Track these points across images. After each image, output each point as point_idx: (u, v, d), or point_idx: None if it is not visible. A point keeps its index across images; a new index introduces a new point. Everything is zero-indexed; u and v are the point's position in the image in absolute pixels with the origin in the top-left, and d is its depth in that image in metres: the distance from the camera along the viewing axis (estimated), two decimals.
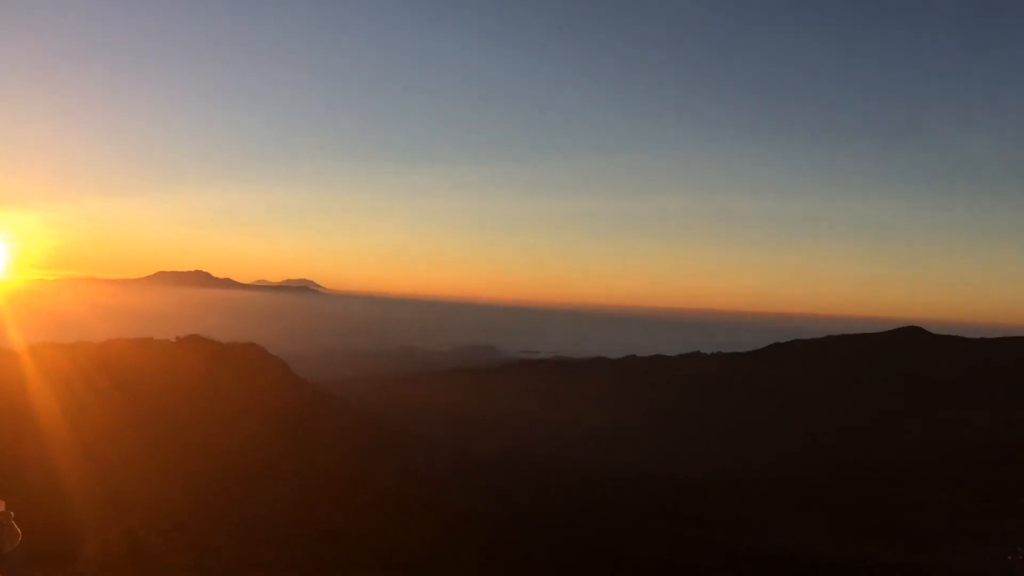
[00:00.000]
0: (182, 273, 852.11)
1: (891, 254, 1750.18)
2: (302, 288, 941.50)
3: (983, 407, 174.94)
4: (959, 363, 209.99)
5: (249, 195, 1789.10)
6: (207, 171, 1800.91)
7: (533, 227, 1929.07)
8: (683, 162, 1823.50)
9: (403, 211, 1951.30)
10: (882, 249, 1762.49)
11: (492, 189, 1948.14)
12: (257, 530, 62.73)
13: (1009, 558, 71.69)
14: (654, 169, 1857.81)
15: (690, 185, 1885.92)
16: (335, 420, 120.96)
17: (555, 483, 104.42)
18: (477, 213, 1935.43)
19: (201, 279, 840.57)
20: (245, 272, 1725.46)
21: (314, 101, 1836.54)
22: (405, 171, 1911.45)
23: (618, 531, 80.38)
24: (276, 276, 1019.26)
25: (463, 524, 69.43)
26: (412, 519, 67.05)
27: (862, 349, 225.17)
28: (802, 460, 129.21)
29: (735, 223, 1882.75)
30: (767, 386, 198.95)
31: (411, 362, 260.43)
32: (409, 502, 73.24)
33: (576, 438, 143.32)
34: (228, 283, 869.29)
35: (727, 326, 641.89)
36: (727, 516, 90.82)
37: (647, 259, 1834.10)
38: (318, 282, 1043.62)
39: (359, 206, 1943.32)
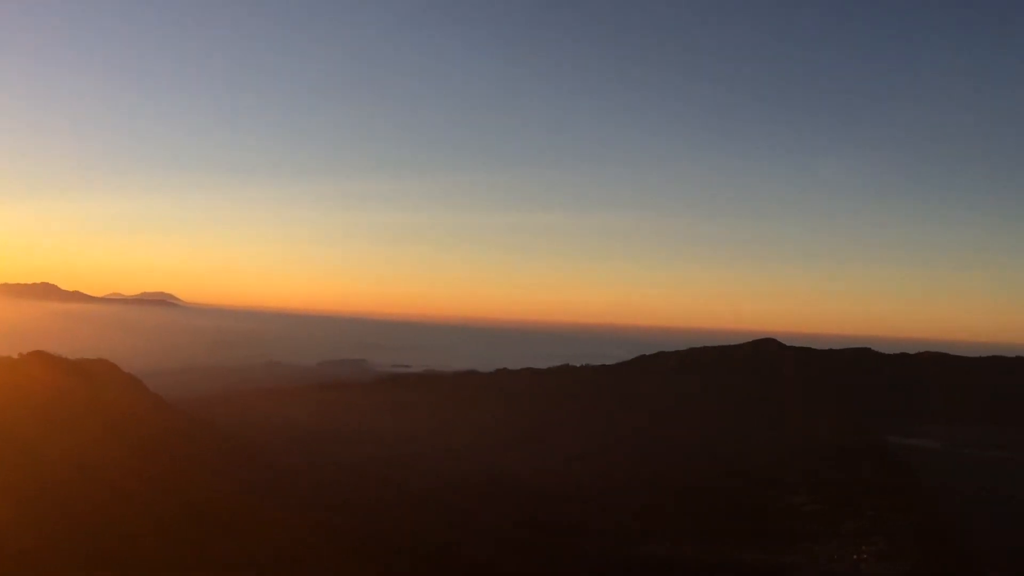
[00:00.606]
0: (27, 286, 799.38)
1: (749, 269, 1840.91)
2: (160, 301, 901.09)
3: (830, 413, 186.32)
4: (808, 372, 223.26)
5: (103, 204, 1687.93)
6: (56, 178, 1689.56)
7: (406, 240, 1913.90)
8: (553, 177, 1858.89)
9: (270, 223, 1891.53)
10: (739, 264, 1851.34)
11: (362, 202, 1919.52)
12: (107, 558, 58.69)
13: (855, 557, 76.19)
14: (525, 184, 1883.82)
15: (560, 200, 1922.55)
16: (190, 438, 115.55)
17: (421, 495, 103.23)
18: (348, 225, 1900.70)
19: (47, 292, 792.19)
20: (97, 284, 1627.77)
21: (172, 106, 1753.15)
22: (270, 181, 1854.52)
23: (486, 543, 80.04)
24: (131, 289, 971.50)
25: (317, 537, 67.26)
26: (262, 534, 64.38)
27: (722, 359, 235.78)
28: (669, 467, 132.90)
29: (604, 239, 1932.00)
30: (635, 396, 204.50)
31: (276, 378, 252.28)
32: (261, 518, 70.35)
33: (445, 451, 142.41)
34: (78, 296, 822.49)
35: (595, 339, 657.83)
36: (598, 525, 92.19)
37: (519, 274, 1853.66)
38: (177, 295, 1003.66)
39: (223, 217, 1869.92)
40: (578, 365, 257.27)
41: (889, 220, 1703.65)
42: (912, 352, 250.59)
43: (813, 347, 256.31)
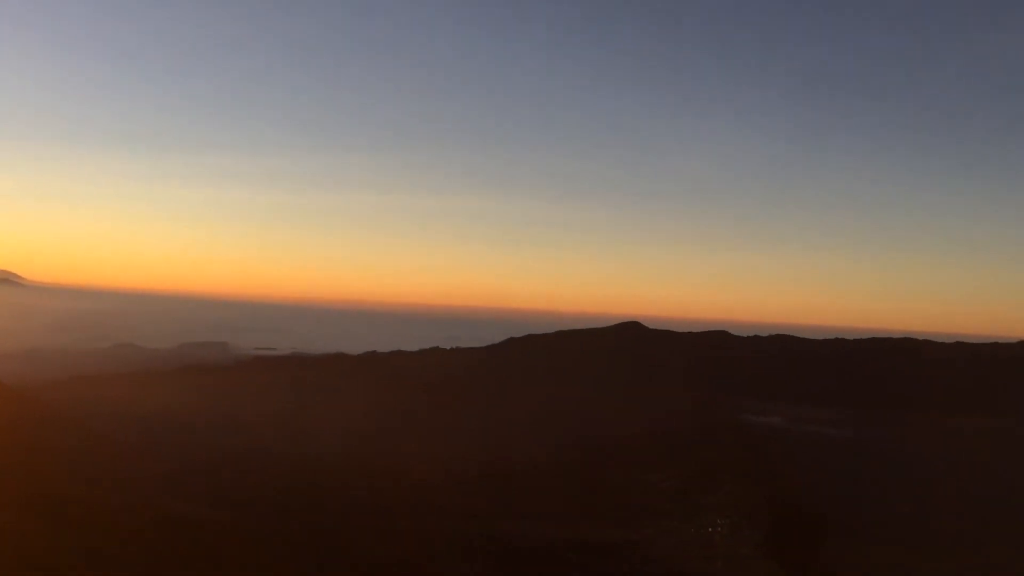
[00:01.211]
0: None
1: (617, 254, 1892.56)
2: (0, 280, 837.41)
3: (688, 394, 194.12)
4: (669, 354, 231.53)
5: None
6: None
7: (271, 220, 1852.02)
8: (419, 157, 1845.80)
9: (123, 198, 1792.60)
10: (609, 249, 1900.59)
11: (223, 179, 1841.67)
12: None
13: (710, 530, 79.73)
14: (392, 165, 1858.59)
15: (429, 181, 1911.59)
16: (39, 425, 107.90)
17: (285, 483, 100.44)
18: (209, 203, 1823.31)
19: None
20: None
21: (6, 79, 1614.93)
22: (124, 154, 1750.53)
23: (353, 529, 78.70)
24: None
25: (171, 530, 64.17)
26: (111, 527, 60.84)
27: (588, 342, 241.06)
28: (532, 448, 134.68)
29: (473, 221, 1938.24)
30: (504, 378, 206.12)
31: (131, 361, 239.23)
32: (111, 510, 66.49)
33: (310, 436, 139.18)
34: None
35: (465, 322, 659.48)
36: (465, 508, 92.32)
37: (387, 255, 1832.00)
38: (19, 273, 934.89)
39: (70, 190, 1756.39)
40: (448, 348, 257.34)
41: (748, 208, 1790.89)
42: (764, 335, 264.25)
43: (674, 330, 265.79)
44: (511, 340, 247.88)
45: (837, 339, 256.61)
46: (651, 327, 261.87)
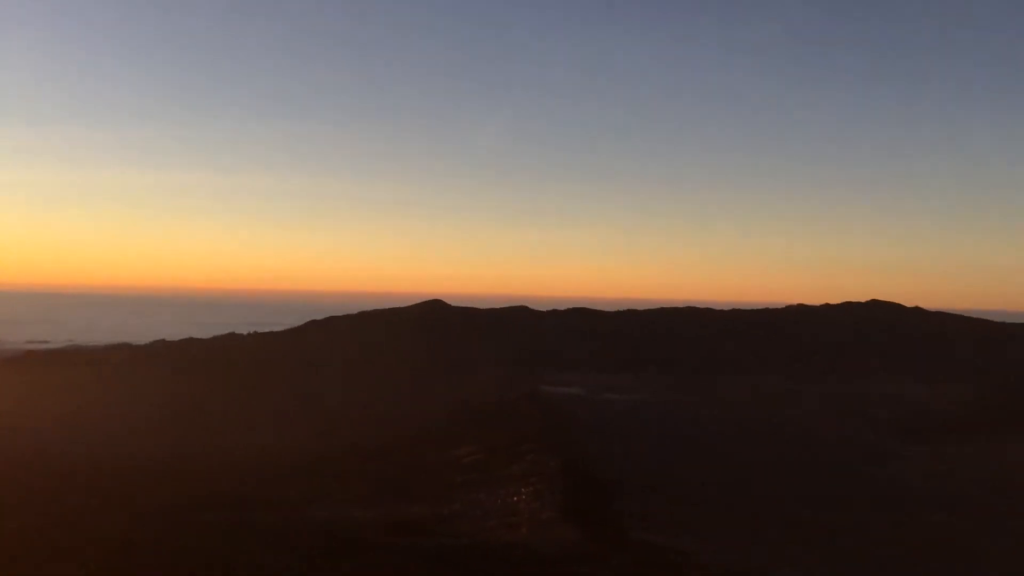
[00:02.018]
0: None
1: (417, 232, 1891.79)
2: None
3: (492, 369, 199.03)
4: (472, 330, 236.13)
5: None
6: None
7: (35, 201, 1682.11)
8: (195, 133, 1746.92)
9: None
10: (409, 227, 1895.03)
11: None
12: None
13: (514, 499, 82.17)
14: (164, 140, 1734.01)
15: (204, 159, 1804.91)
16: None
17: (63, 482, 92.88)
18: None
19: None
20: None
21: None
22: None
23: (145, 525, 74.11)
24: None
25: None
26: None
27: (393, 322, 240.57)
28: (347, 433, 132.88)
29: (264, 200, 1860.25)
30: (306, 363, 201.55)
31: None
32: None
33: (93, 432, 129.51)
34: None
35: (262, 306, 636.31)
36: (274, 498, 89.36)
37: (174, 237, 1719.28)
38: None
39: None
40: (245, 333, 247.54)
41: (545, 182, 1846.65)
42: (563, 309, 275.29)
43: (476, 307, 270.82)
44: (312, 323, 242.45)
45: (629, 310, 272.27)
46: (454, 304, 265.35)
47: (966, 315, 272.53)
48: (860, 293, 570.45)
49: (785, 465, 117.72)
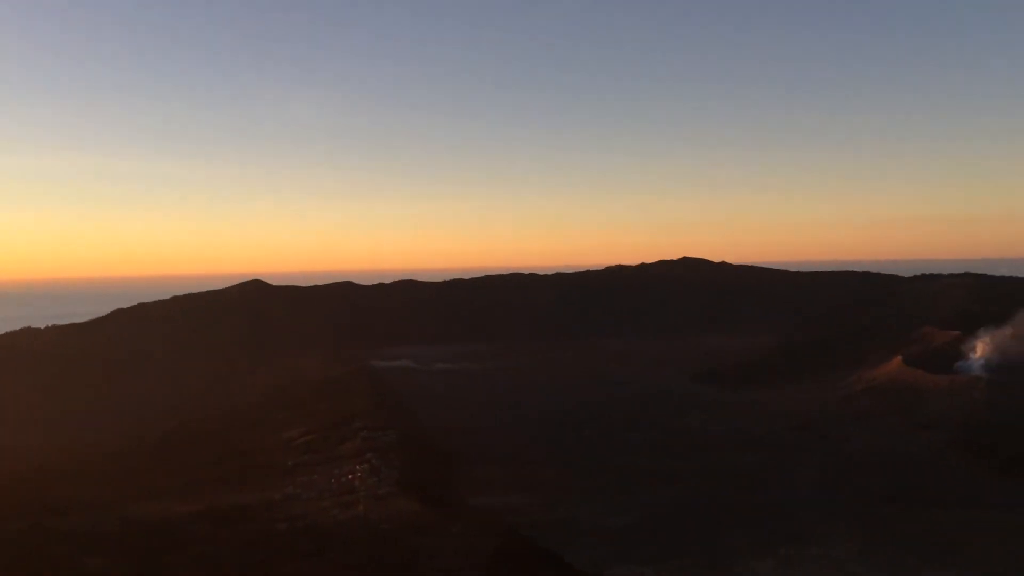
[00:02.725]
0: None
1: (231, 211, 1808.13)
2: None
3: (318, 347, 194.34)
4: (295, 309, 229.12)
5: None
6: None
7: None
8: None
9: None
10: (222, 206, 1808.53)
11: None
12: None
13: (350, 477, 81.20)
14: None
15: (39, 143, 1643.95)
16: None
17: None
18: None
19: None
20: None
21: None
22: None
23: None
24: None
25: None
26: None
27: (210, 304, 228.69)
28: (164, 424, 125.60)
29: (58, 183, 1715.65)
30: (116, 354, 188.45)
31: None
32: None
33: None
34: None
35: (57, 297, 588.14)
36: (79, 498, 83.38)
37: None
38: None
39: None
40: (43, 327, 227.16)
41: (364, 158, 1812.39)
42: (388, 282, 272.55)
43: (298, 285, 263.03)
44: (119, 311, 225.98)
45: (455, 279, 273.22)
46: (274, 283, 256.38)
47: (769, 267, 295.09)
48: (672, 251, 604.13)
49: (609, 420, 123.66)
